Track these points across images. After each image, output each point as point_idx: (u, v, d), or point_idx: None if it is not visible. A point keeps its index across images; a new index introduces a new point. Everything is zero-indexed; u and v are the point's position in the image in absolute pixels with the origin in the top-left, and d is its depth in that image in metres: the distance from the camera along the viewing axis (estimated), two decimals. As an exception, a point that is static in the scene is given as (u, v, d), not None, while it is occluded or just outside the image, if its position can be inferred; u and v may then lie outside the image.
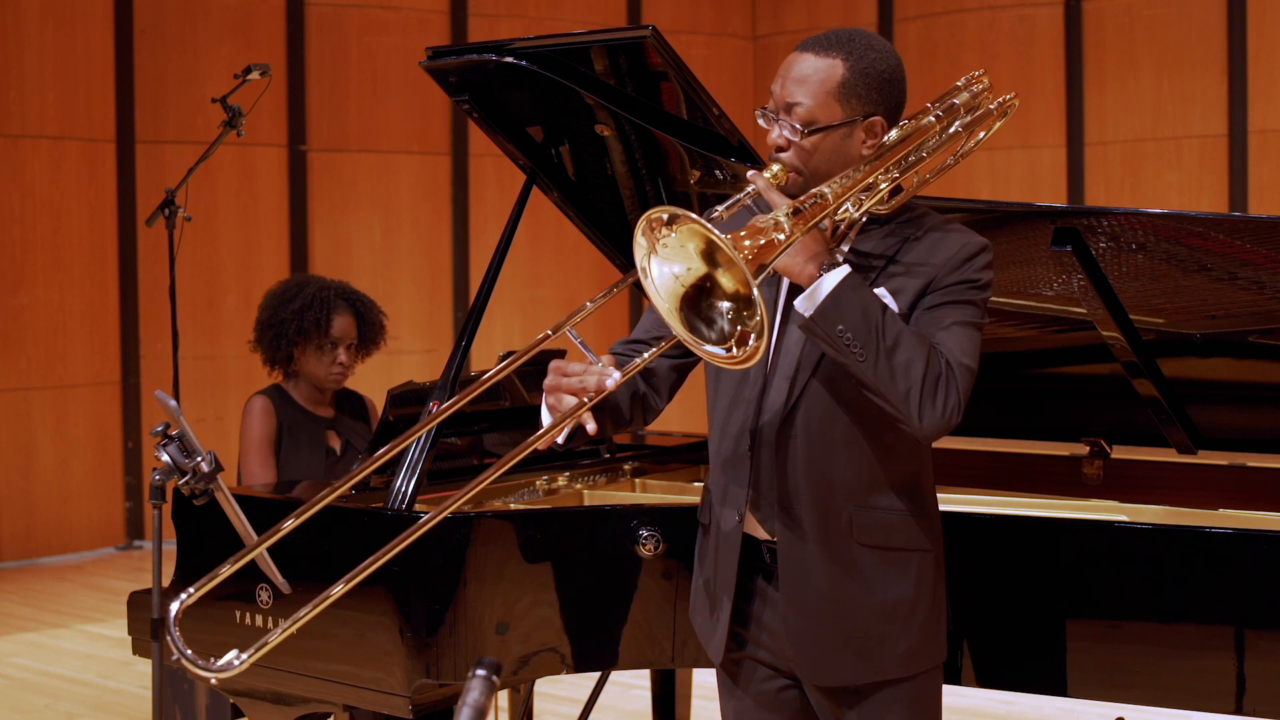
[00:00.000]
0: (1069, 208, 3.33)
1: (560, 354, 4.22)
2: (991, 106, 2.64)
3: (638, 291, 7.72)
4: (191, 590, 2.38)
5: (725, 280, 2.20)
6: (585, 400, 2.37)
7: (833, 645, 2.50)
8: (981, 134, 2.62)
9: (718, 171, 3.36)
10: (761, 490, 2.52)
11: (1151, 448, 3.56)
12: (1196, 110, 8.97)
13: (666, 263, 2.21)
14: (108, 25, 8.43)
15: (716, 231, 2.14)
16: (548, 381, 2.44)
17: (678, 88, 3.21)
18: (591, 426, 2.43)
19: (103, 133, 8.42)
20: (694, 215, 2.16)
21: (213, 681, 2.52)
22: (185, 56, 8.62)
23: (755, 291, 2.14)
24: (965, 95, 2.60)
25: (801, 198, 2.32)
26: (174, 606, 2.37)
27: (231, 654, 2.34)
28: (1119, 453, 3.64)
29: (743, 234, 2.20)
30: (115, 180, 8.46)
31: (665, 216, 2.17)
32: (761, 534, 2.55)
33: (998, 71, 9.48)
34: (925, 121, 2.52)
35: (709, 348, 2.22)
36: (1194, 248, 3.14)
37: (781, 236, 2.22)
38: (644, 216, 2.20)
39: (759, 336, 2.17)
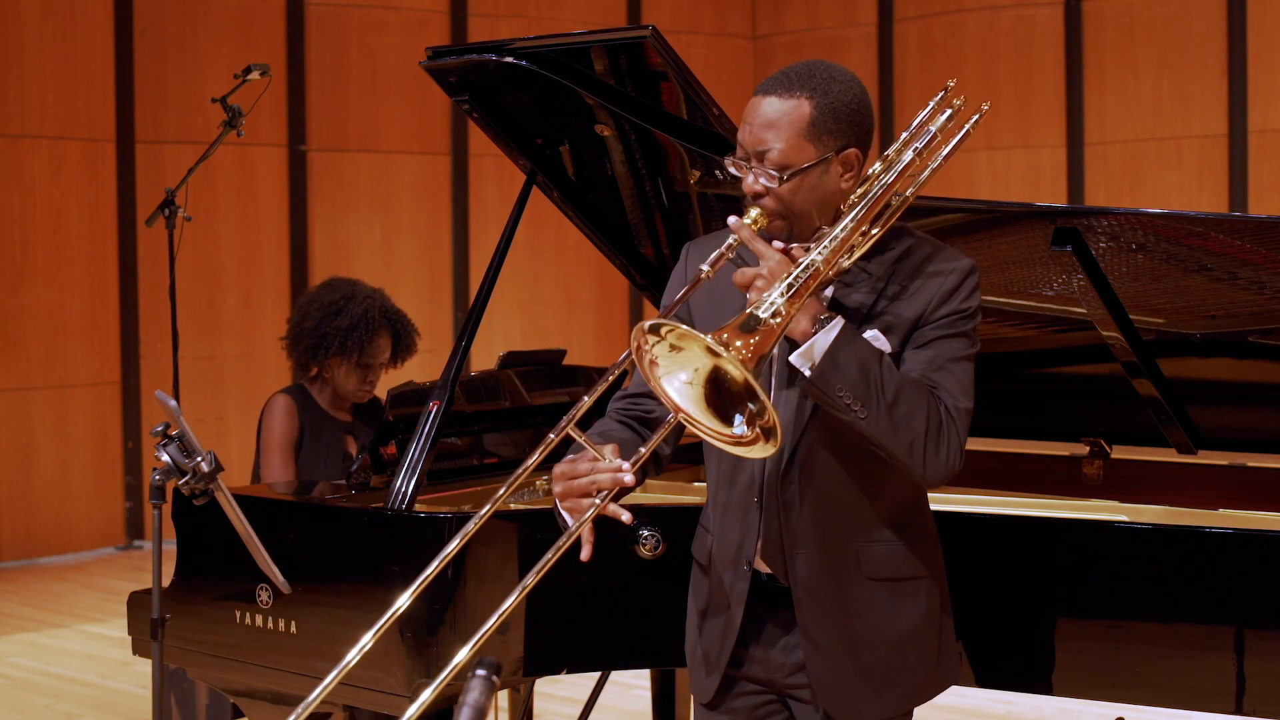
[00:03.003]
0: (1069, 208, 3.33)
1: (560, 354, 4.22)
2: (969, 123, 2.55)
3: (637, 292, 7.72)
4: None
5: (732, 373, 2.18)
6: (599, 499, 2.32)
7: (856, 683, 2.50)
8: (956, 138, 2.57)
9: (718, 171, 3.36)
10: (770, 536, 2.50)
11: (1151, 448, 3.56)
12: (1196, 110, 8.97)
13: (672, 376, 2.21)
14: (108, 25, 8.42)
15: (711, 341, 2.13)
16: (556, 489, 2.39)
17: (678, 88, 3.21)
18: (632, 480, 2.36)
19: (103, 133, 8.42)
20: (682, 325, 2.15)
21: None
22: (185, 56, 8.62)
23: (761, 393, 2.12)
24: (941, 119, 2.50)
25: (794, 273, 2.26)
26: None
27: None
28: (1119, 453, 3.64)
29: (726, 334, 2.16)
30: (115, 180, 8.46)
31: (660, 328, 2.16)
32: (764, 569, 2.53)
33: (997, 71, 9.49)
34: (906, 159, 2.45)
35: (731, 437, 2.20)
36: (1194, 248, 3.14)
37: (779, 320, 2.21)
38: (636, 332, 2.18)
39: (771, 436, 2.16)
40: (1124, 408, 3.48)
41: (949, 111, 2.53)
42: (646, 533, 3.06)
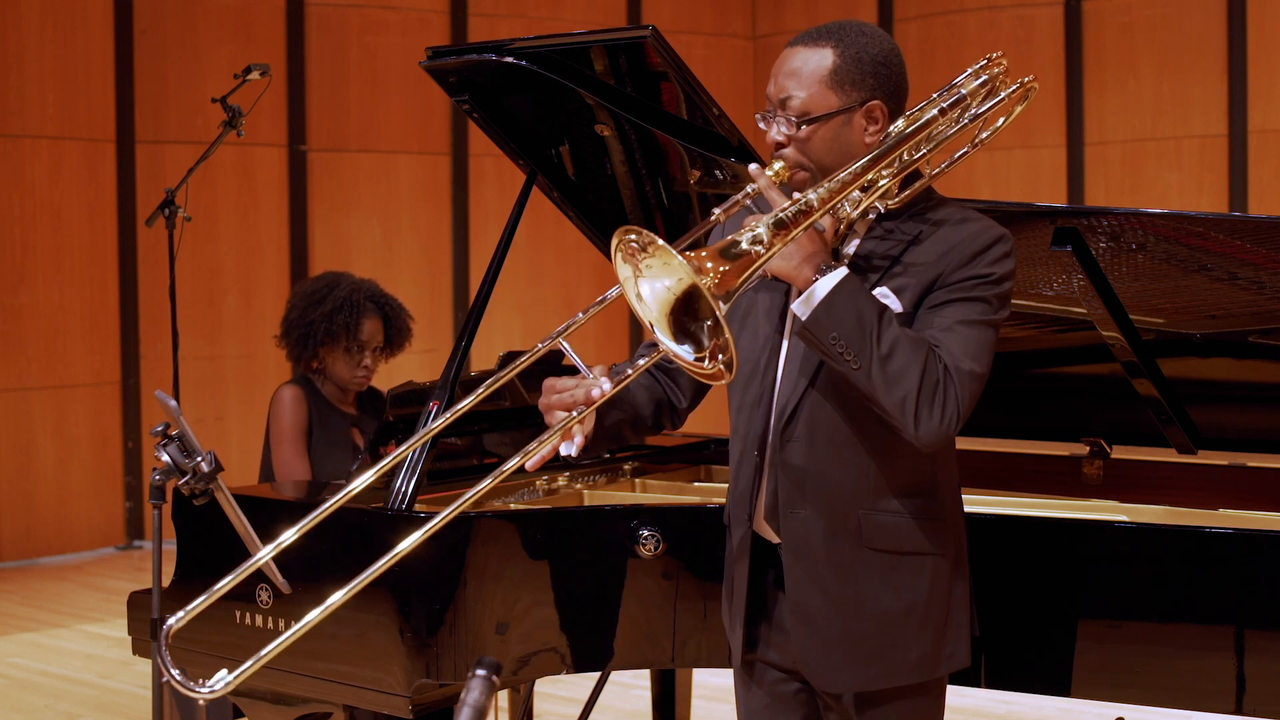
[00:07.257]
0: (1069, 208, 3.33)
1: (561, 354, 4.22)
2: (1005, 91, 2.54)
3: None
4: (182, 614, 2.39)
5: (701, 297, 2.17)
6: (574, 414, 2.35)
7: (840, 651, 2.47)
8: (1002, 120, 2.54)
9: (718, 171, 3.36)
10: (770, 494, 2.50)
11: (1151, 448, 3.56)
12: (1196, 110, 8.97)
13: (654, 279, 2.19)
14: (108, 25, 8.43)
15: (679, 255, 2.12)
16: (542, 401, 2.42)
17: (678, 88, 3.21)
18: (577, 441, 2.38)
19: (103, 133, 8.42)
20: (659, 239, 2.14)
21: (201, 703, 2.51)
22: (185, 56, 8.62)
23: (720, 315, 2.12)
24: (974, 84, 2.49)
25: (785, 206, 2.27)
26: (168, 623, 2.36)
27: (221, 673, 2.34)
28: (1119, 453, 3.64)
29: (704, 254, 2.16)
30: (115, 180, 8.47)
31: (635, 239, 2.16)
32: (773, 537, 2.53)
33: (998, 71, 9.48)
34: (929, 115, 2.44)
35: (691, 359, 2.21)
36: (1194, 248, 3.14)
37: (761, 249, 2.20)
38: (618, 234, 2.18)
39: (725, 355, 2.15)
40: (1124, 408, 3.48)
41: (984, 78, 2.49)
42: (646, 533, 3.06)
